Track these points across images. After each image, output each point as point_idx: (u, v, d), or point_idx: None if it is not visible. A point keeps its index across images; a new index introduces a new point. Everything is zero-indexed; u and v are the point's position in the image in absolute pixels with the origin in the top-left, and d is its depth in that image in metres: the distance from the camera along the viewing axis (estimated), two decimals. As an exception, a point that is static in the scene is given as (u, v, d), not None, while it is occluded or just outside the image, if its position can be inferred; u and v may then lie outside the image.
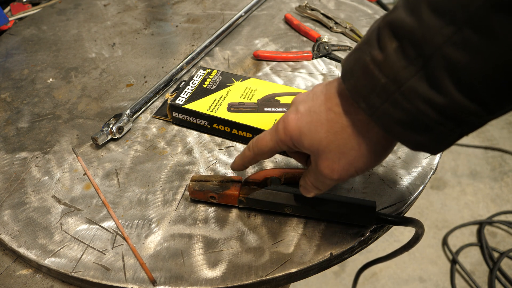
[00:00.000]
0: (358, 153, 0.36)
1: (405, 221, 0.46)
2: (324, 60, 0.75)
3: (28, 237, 0.49)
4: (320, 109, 0.38)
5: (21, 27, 0.86)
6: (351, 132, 0.36)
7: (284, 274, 0.45)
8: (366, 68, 0.33)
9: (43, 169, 0.57)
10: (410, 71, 0.30)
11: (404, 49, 0.30)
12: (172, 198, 0.53)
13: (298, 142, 0.39)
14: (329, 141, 0.37)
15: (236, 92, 0.62)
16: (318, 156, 0.38)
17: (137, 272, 0.45)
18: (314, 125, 0.38)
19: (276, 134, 0.41)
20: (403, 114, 0.32)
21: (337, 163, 0.37)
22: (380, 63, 0.32)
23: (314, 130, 0.37)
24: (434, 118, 0.31)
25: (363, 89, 0.33)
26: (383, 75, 0.32)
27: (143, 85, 0.70)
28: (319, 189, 0.42)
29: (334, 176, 0.38)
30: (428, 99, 0.30)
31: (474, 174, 1.72)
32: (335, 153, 0.37)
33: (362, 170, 0.38)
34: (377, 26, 0.33)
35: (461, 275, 1.41)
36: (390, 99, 0.32)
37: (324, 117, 0.37)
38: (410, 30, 0.30)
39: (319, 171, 0.39)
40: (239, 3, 0.91)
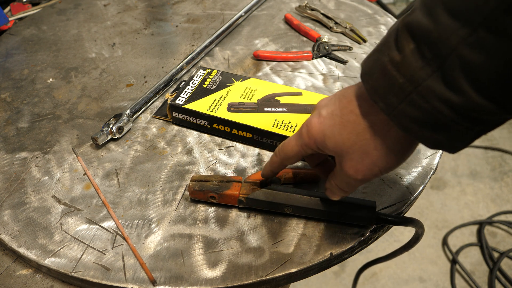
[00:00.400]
0: (380, 153, 0.37)
1: (405, 221, 0.46)
2: (324, 60, 0.75)
3: (28, 237, 0.49)
4: (342, 112, 0.39)
5: (21, 27, 0.86)
6: (373, 132, 0.37)
7: (284, 274, 0.45)
8: (384, 69, 0.34)
9: (43, 169, 0.57)
10: (426, 71, 0.31)
11: (421, 50, 0.31)
12: (172, 198, 0.53)
13: (322, 144, 0.40)
14: (352, 142, 0.38)
15: (236, 92, 0.62)
16: (342, 158, 0.39)
17: (137, 272, 0.45)
18: (337, 127, 0.39)
19: (300, 139, 0.42)
20: (420, 113, 0.33)
21: (361, 163, 0.38)
22: (398, 63, 0.33)
23: (337, 132, 0.39)
24: (450, 117, 0.31)
25: (381, 89, 0.34)
26: (401, 75, 0.33)
27: (143, 85, 0.70)
28: (345, 190, 0.42)
29: (359, 176, 0.39)
30: (444, 98, 0.31)
31: (474, 174, 1.72)
32: (359, 153, 0.38)
33: (385, 169, 0.39)
34: (395, 28, 0.34)
35: (461, 275, 1.41)
36: (407, 99, 0.33)
37: (346, 119, 0.38)
38: (427, 31, 0.31)
39: (344, 172, 0.40)
40: (239, 3, 0.91)
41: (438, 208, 1.61)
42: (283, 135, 0.55)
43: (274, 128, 0.56)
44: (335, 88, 0.69)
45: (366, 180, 0.40)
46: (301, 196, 0.48)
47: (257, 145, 0.59)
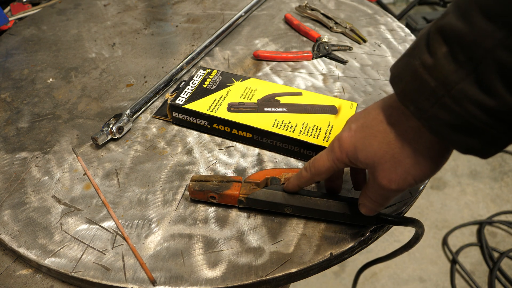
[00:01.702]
0: (413, 160, 0.37)
1: (405, 221, 0.46)
2: (324, 60, 0.75)
3: (28, 237, 0.49)
4: (372, 123, 0.39)
5: (21, 27, 0.86)
6: (404, 140, 0.37)
7: (284, 274, 0.45)
8: (415, 73, 0.34)
9: (43, 169, 0.57)
10: (459, 74, 0.31)
11: (454, 53, 0.31)
12: (172, 198, 0.53)
13: (354, 157, 0.40)
14: (383, 152, 0.38)
15: (236, 92, 0.62)
16: (375, 169, 0.39)
17: (137, 272, 0.45)
18: (368, 139, 0.39)
19: (332, 153, 0.42)
20: (453, 117, 0.32)
21: (394, 172, 0.38)
22: (430, 67, 0.33)
23: (368, 143, 0.39)
24: (484, 121, 0.31)
25: (412, 93, 0.34)
26: (433, 79, 0.32)
27: (143, 85, 0.70)
28: (379, 203, 0.42)
29: (392, 186, 0.38)
30: (478, 102, 0.31)
31: (474, 174, 1.72)
32: (391, 163, 0.38)
33: (420, 177, 0.38)
34: (426, 32, 0.34)
35: (461, 275, 1.41)
36: (439, 102, 0.32)
37: (377, 130, 0.38)
38: (461, 34, 0.30)
39: (377, 183, 0.39)
40: (239, 3, 0.91)
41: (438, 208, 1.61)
42: (283, 135, 0.55)
43: (274, 128, 0.56)
44: (335, 88, 0.69)
45: (401, 190, 0.39)
46: (301, 196, 0.48)
47: (257, 145, 0.59)
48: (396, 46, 0.78)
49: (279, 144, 0.57)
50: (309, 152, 0.56)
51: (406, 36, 0.81)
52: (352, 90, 0.69)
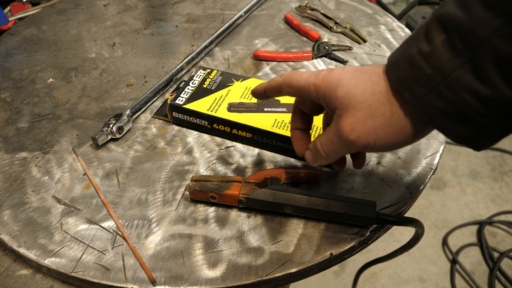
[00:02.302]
0: (386, 121, 0.36)
1: (405, 221, 0.46)
2: (324, 60, 0.75)
3: (28, 237, 0.49)
4: (366, 70, 0.38)
5: (21, 27, 0.86)
6: (389, 98, 0.36)
7: (284, 274, 0.45)
8: (412, 60, 0.34)
9: (43, 169, 0.57)
10: (456, 62, 0.31)
11: (452, 41, 0.31)
12: (172, 198, 0.53)
13: (332, 91, 0.38)
14: (363, 99, 0.36)
15: (236, 92, 0.62)
16: (345, 111, 0.37)
17: (137, 272, 0.45)
18: (356, 80, 0.37)
19: (313, 76, 0.40)
20: (447, 105, 0.32)
21: (362, 123, 0.36)
22: (427, 54, 0.33)
23: (354, 84, 0.37)
24: (478, 109, 0.31)
25: (408, 80, 0.34)
26: (429, 66, 0.32)
27: (143, 85, 0.70)
28: (326, 151, 0.40)
29: (351, 136, 0.37)
30: (473, 90, 0.31)
31: (474, 174, 1.72)
32: (364, 113, 0.36)
33: (382, 141, 0.37)
34: (425, 21, 0.34)
35: (461, 275, 1.41)
36: (434, 90, 0.32)
37: (368, 78, 0.37)
38: (459, 22, 0.31)
39: (338, 128, 0.38)
40: (239, 3, 0.91)
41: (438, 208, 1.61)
42: (283, 135, 0.55)
43: (274, 128, 0.56)
44: (335, 88, 0.69)
45: (355, 146, 0.37)
46: (301, 196, 0.48)
47: (257, 145, 0.59)
48: (396, 46, 0.78)
49: (279, 144, 0.57)
50: (309, 152, 0.56)
51: (406, 36, 0.81)
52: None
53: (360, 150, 0.39)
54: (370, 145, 0.37)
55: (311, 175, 0.53)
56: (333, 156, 0.41)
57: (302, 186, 0.54)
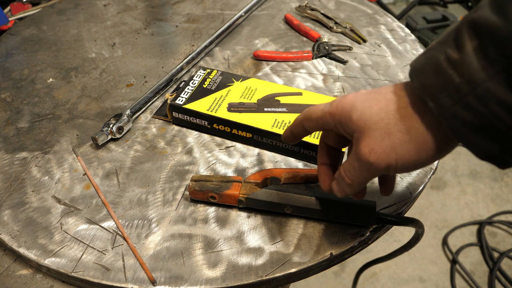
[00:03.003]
0: (404, 137, 0.34)
1: (405, 221, 0.46)
2: (324, 60, 0.75)
3: (28, 237, 0.49)
4: (381, 90, 0.37)
5: (21, 27, 0.86)
6: (406, 114, 0.34)
7: (284, 274, 0.45)
8: (438, 67, 0.32)
9: (43, 169, 0.57)
10: (488, 72, 0.29)
11: (485, 49, 0.29)
12: (172, 198, 0.53)
13: (346, 115, 0.37)
14: (379, 118, 0.35)
15: (236, 92, 0.62)
16: (361, 135, 0.36)
17: (137, 272, 0.45)
18: (369, 101, 0.36)
19: (328, 105, 0.39)
20: (475, 118, 0.30)
21: (379, 143, 0.35)
22: (456, 62, 0.30)
23: (367, 105, 0.36)
24: (509, 124, 0.29)
25: (433, 88, 0.32)
26: (458, 75, 0.30)
27: (143, 85, 0.70)
28: (350, 179, 0.38)
29: (371, 158, 0.35)
30: (505, 103, 0.29)
31: (474, 174, 1.72)
32: (381, 132, 0.35)
33: (402, 160, 0.35)
34: (455, 26, 0.32)
35: (461, 275, 1.41)
36: (462, 101, 0.30)
37: (383, 97, 0.36)
38: (495, 29, 0.28)
39: (357, 151, 0.36)
40: (239, 3, 0.91)
41: (438, 208, 1.61)
42: (283, 135, 0.55)
43: (274, 128, 0.56)
44: (335, 88, 0.69)
45: (376, 168, 0.35)
46: (301, 196, 0.48)
47: (257, 145, 0.59)
48: (396, 46, 0.78)
49: (279, 144, 0.57)
50: (309, 152, 0.56)
51: (406, 36, 0.81)
52: (352, 90, 0.69)
53: (383, 173, 0.36)
54: (391, 166, 0.35)
55: (311, 175, 0.53)
56: (358, 182, 0.38)
57: (302, 186, 0.54)
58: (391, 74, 0.72)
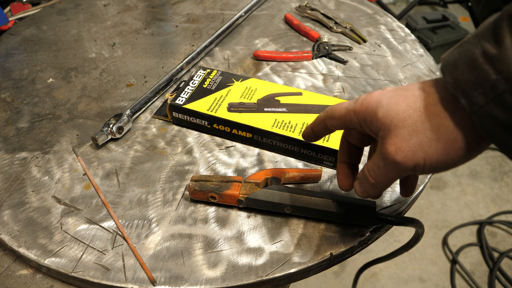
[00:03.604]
0: (433, 135, 0.32)
1: (405, 221, 0.46)
2: (324, 60, 0.75)
3: (28, 237, 0.49)
4: (408, 87, 0.35)
5: (21, 27, 0.86)
6: (435, 111, 0.33)
7: (284, 274, 0.45)
8: (474, 62, 0.30)
9: (43, 169, 0.57)
10: None
11: None
12: (172, 198, 0.53)
13: (372, 113, 0.36)
14: (406, 116, 0.33)
15: (236, 92, 0.62)
16: (388, 132, 0.34)
17: (137, 272, 0.45)
18: (396, 98, 0.35)
19: (352, 103, 0.38)
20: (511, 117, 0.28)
21: (406, 141, 0.33)
22: (493, 57, 0.29)
23: (394, 102, 0.35)
24: None
25: (466, 84, 0.30)
26: (494, 71, 0.29)
27: (143, 85, 0.70)
28: (374, 179, 0.37)
29: (398, 157, 0.33)
30: None
31: (474, 174, 1.72)
32: (408, 130, 0.33)
33: (430, 159, 0.33)
34: (493, 19, 0.30)
35: (461, 275, 1.41)
36: (498, 99, 0.29)
37: (411, 93, 0.34)
38: None
39: (383, 150, 0.35)
40: (239, 3, 0.91)
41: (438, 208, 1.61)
42: (283, 135, 0.55)
43: (274, 128, 0.56)
44: (335, 88, 0.69)
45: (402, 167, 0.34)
46: (301, 196, 0.48)
47: (257, 145, 0.59)
48: (396, 46, 0.78)
49: (279, 144, 0.57)
50: (309, 152, 0.56)
51: (406, 36, 0.81)
52: (352, 90, 0.69)
53: (410, 173, 0.35)
54: (419, 165, 0.33)
55: (311, 175, 0.53)
56: (382, 182, 0.37)
57: (302, 186, 0.54)
58: (391, 74, 0.72)
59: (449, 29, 2.18)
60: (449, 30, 2.17)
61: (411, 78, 0.71)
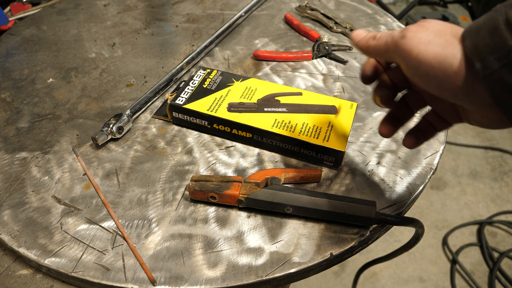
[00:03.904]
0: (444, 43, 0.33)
1: (405, 221, 0.46)
2: (324, 60, 0.75)
3: (28, 237, 0.49)
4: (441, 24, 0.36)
5: (21, 27, 0.86)
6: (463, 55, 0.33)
7: (284, 274, 0.45)
8: (495, 28, 0.30)
9: (43, 169, 0.57)
10: None
11: None
12: (172, 198, 0.53)
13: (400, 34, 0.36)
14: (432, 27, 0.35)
15: (236, 92, 0.62)
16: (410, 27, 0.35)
17: (137, 272, 0.45)
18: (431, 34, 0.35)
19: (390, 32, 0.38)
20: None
21: (418, 31, 0.34)
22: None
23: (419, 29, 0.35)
24: None
25: (484, 48, 0.31)
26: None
27: (143, 85, 0.70)
28: (375, 38, 0.38)
29: (404, 31, 0.35)
30: None
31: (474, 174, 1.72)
32: (429, 31, 0.34)
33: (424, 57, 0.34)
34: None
35: (461, 275, 1.41)
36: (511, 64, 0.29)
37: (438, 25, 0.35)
38: None
39: (404, 29, 0.35)
40: (239, 3, 0.91)
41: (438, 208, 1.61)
42: (283, 135, 0.55)
43: (274, 128, 0.56)
44: (335, 88, 0.69)
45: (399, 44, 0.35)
46: (301, 196, 0.48)
47: (257, 145, 0.59)
48: (396, 46, 0.78)
49: (279, 144, 0.57)
50: (309, 152, 0.56)
51: (406, 36, 0.81)
52: (352, 90, 0.69)
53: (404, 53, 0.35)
54: (412, 53, 0.34)
55: (311, 175, 0.53)
56: (380, 42, 0.38)
57: (302, 186, 0.54)
58: (391, 74, 0.72)
59: (449, 29, 2.17)
60: (449, 30, 2.16)
61: (411, 78, 0.71)
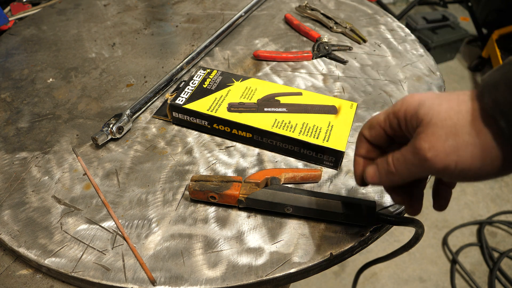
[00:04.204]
0: (471, 140, 0.31)
1: (405, 221, 0.46)
2: (324, 60, 0.75)
3: (28, 237, 0.49)
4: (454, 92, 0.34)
5: (21, 27, 0.86)
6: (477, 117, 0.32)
7: (284, 274, 0.45)
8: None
9: (43, 169, 0.57)
10: None
11: None
12: (172, 198, 0.53)
13: (412, 111, 0.35)
14: (447, 116, 0.32)
15: (236, 92, 0.62)
16: (425, 129, 0.33)
17: (137, 272, 0.45)
18: (440, 99, 0.34)
19: (392, 107, 0.37)
20: None
21: (442, 142, 0.32)
22: None
23: (437, 102, 0.34)
24: None
25: (506, 105, 0.30)
26: None
27: (143, 85, 0.70)
28: (396, 167, 0.36)
29: (428, 153, 0.32)
30: None
31: (474, 174, 1.72)
32: (446, 131, 0.32)
33: (463, 165, 0.32)
34: None
35: (461, 275, 1.41)
36: None
37: (455, 97, 0.34)
38: None
39: (415, 144, 0.34)
40: (239, 3, 0.91)
41: (438, 208, 1.61)
42: (283, 135, 0.55)
43: (274, 128, 0.56)
44: (335, 88, 0.69)
45: (430, 165, 0.33)
46: (301, 196, 0.48)
47: (257, 145, 0.59)
48: (396, 46, 0.78)
49: (279, 144, 0.57)
50: (309, 152, 0.56)
51: (406, 36, 0.81)
52: (352, 90, 0.69)
53: (436, 174, 0.34)
54: (449, 168, 0.32)
55: (311, 175, 0.53)
56: (402, 174, 0.36)
57: (302, 186, 0.54)
58: (391, 74, 0.72)
59: (449, 29, 2.18)
60: (449, 30, 2.17)
61: (411, 78, 0.71)
